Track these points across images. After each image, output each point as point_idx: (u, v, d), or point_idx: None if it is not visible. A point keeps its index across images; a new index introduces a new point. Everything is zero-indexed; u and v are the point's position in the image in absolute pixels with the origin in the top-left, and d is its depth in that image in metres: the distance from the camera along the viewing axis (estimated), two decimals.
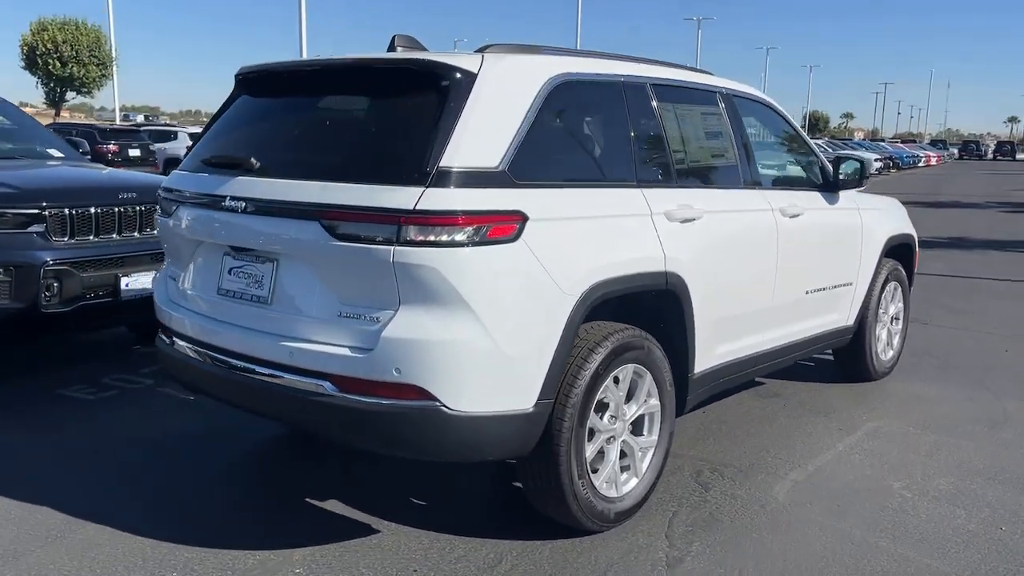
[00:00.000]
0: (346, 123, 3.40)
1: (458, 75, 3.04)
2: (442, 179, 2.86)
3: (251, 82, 3.76)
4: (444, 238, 2.83)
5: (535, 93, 3.20)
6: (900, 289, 5.81)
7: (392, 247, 2.83)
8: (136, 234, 5.63)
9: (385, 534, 3.41)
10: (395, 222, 2.83)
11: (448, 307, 2.87)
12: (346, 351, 2.96)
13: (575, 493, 3.23)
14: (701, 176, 4.06)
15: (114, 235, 5.51)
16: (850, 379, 5.63)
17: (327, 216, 2.95)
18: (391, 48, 3.69)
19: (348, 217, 2.91)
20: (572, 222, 3.18)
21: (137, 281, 5.54)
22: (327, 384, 2.99)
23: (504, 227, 2.93)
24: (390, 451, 3.20)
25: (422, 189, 2.85)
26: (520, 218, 2.96)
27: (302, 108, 3.56)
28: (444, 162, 2.89)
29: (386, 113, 3.26)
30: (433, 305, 2.87)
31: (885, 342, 5.70)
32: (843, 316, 5.16)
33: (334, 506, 3.68)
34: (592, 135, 3.60)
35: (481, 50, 3.28)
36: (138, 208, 5.63)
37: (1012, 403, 5.23)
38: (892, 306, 5.75)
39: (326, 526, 3.49)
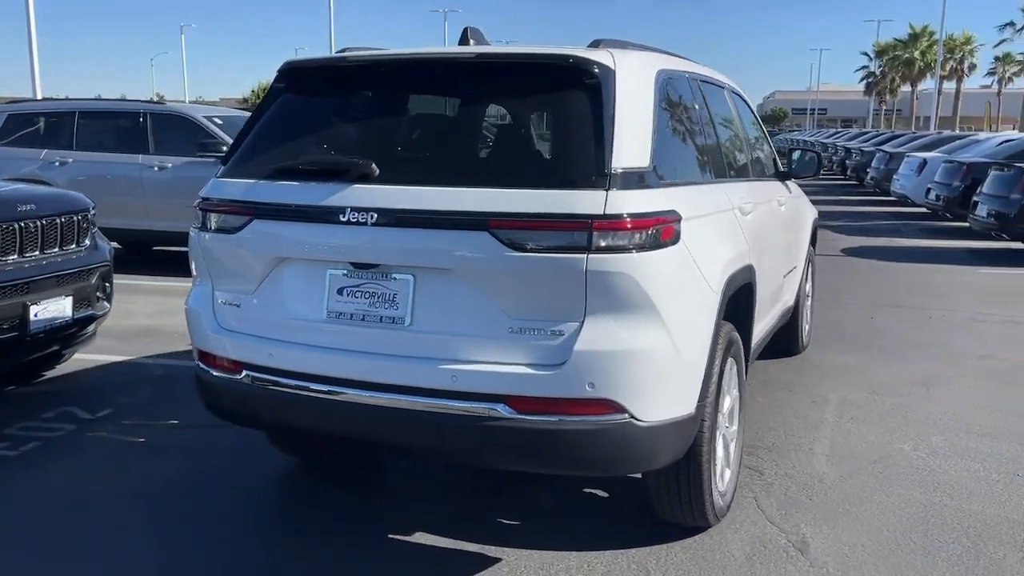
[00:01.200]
0: (486, 123, 3.12)
1: (601, 71, 2.89)
2: (617, 181, 2.73)
3: (321, 76, 3.34)
4: (629, 242, 2.70)
5: (653, 89, 3.14)
6: (811, 268, 6.36)
7: (585, 255, 2.65)
8: (38, 254, 4.75)
9: (511, 560, 3.19)
10: (586, 228, 2.65)
11: (637, 314, 2.74)
12: (524, 369, 2.73)
13: (711, 491, 3.23)
14: (737, 170, 4.18)
15: (14, 256, 4.61)
16: (779, 354, 6.07)
17: (502, 225, 2.69)
18: (464, 40, 3.43)
19: (530, 225, 2.68)
20: (703, 219, 3.16)
21: (47, 310, 4.70)
22: (501, 407, 2.74)
23: (670, 228, 2.84)
24: (567, 471, 3.03)
25: (604, 192, 2.69)
26: (678, 219, 2.89)
27: (416, 106, 3.23)
28: (615, 163, 2.75)
29: (534, 111, 3.07)
30: (622, 313, 2.73)
31: (806, 318, 6.22)
32: (791, 296, 5.55)
33: (428, 539, 3.37)
34: (685, 131, 3.58)
35: (594, 45, 3.15)
36: (39, 223, 4.75)
37: (923, 365, 5.93)
38: (807, 284, 6.28)
39: (439, 562, 3.20)
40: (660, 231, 2.79)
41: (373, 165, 2.89)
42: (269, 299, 3.12)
